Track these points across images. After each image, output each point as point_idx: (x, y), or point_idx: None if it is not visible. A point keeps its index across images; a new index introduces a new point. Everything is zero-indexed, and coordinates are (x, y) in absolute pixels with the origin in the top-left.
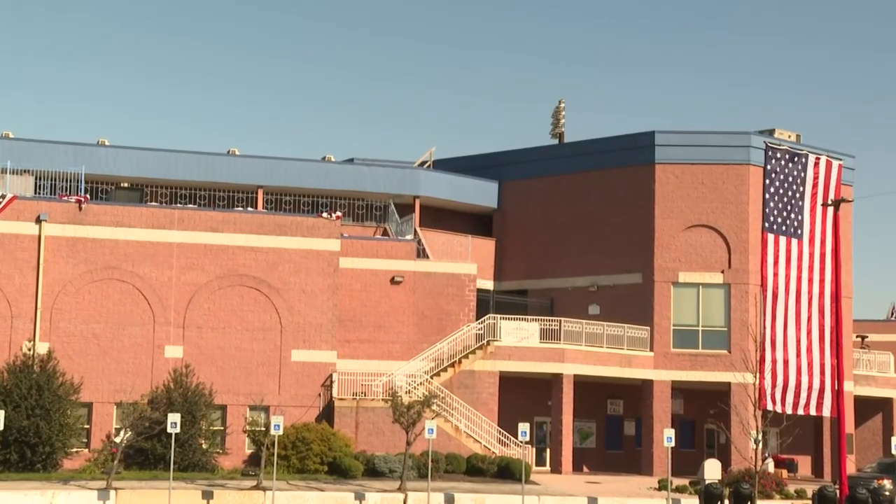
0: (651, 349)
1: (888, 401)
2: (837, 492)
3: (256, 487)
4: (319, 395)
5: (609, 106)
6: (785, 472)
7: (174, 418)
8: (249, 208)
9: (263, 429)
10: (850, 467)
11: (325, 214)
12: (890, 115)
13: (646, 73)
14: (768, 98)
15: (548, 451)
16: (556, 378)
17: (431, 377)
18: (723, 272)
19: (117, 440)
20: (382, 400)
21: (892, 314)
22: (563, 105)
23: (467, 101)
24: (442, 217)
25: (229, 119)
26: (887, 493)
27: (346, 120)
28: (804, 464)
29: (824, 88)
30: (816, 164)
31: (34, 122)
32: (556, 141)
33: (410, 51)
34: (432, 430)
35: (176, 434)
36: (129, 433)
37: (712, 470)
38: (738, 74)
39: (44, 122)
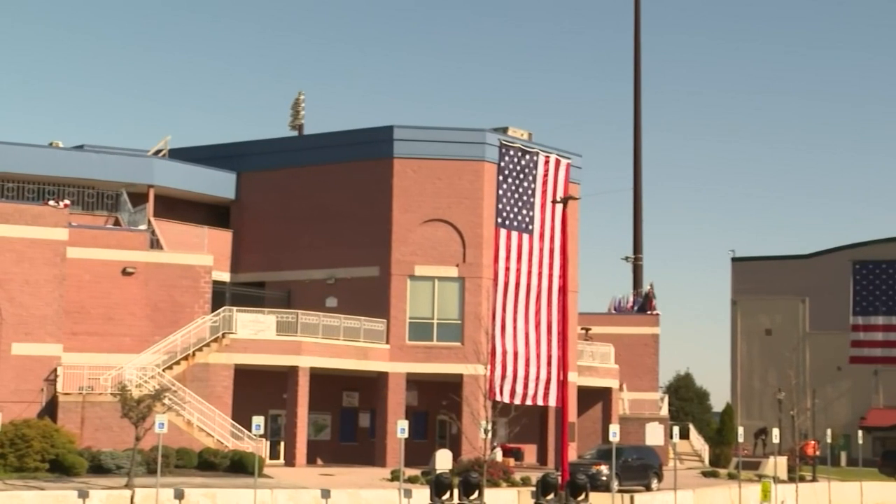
0: (387, 342)
1: (608, 390)
2: (559, 478)
3: None
4: (42, 389)
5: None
6: (512, 461)
7: None
8: None
9: None
10: (572, 454)
11: (51, 202)
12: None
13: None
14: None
15: (282, 444)
16: (292, 371)
17: (163, 370)
18: (457, 266)
19: None
20: (111, 394)
21: (614, 308)
22: (302, 97)
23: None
24: (177, 207)
25: None
26: (604, 478)
27: (76, 106)
28: (530, 452)
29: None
30: (546, 163)
31: None
32: (295, 133)
33: (147, 37)
34: (163, 424)
35: None
36: None
37: (443, 460)
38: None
39: None
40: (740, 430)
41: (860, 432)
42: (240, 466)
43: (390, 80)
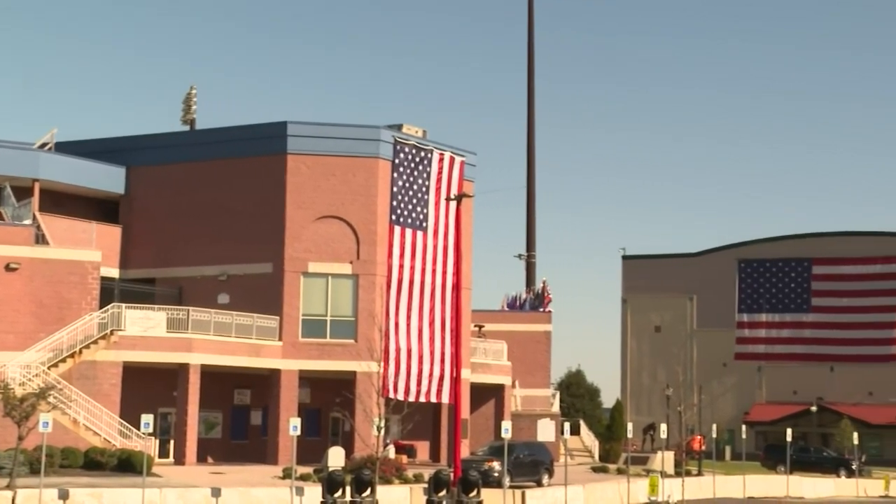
0: (280, 339)
1: (501, 387)
2: (451, 475)
3: None
4: None
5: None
6: (405, 458)
7: None
8: None
9: None
10: (465, 451)
11: None
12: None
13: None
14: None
15: (172, 442)
16: (183, 368)
17: (48, 368)
18: (351, 263)
19: None
20: None
21: (507, 305)
22: (194, 91)
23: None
24: (64, 202)
25: None
26: (496, 475)
27: None
28: (423, 449)
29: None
30: (441, 160)
31: None
32: (187, 127)
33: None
34: (47, 423)
35: None
36: None
37: (336, 457)
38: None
39: None
40: (629, 425)
41: (744, 427)
42: (128, 465)
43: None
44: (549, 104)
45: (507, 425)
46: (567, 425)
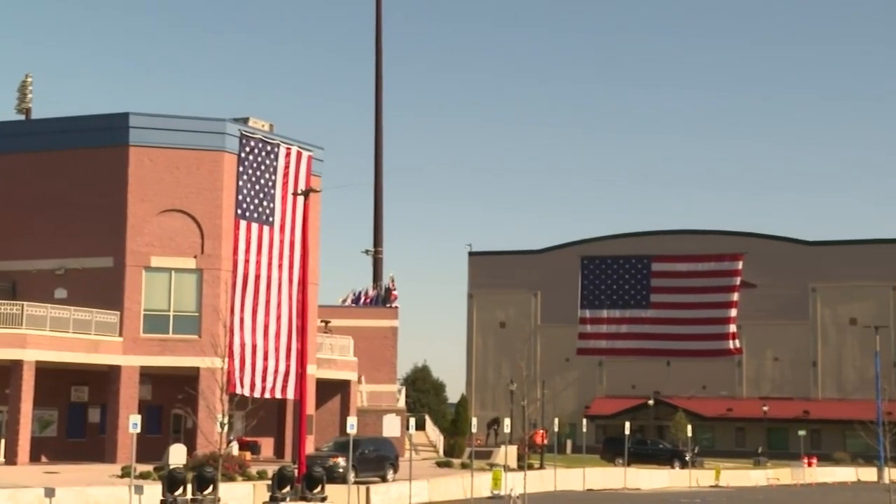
0: (120, 334)
1: (347, 383)
2: (296, 471)
3: None
4: None
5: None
6: (248, 455)
7: None
8: None
9: None
10: (310, 447)
11: None
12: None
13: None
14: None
15: (2, 441)
16: (16, 365)
17: None
18: (196, 257)
19: None
20: None
21: (353, 300)
22: (30, 80)
23: None
24: None
25: None
26: (341, 470)
27: None
28: (267, 445)
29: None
30: (287, 154)
31: None
32: (22, 116)
33: None
34: None
35: None
36: None
37: (177, 455)
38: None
39: None
40: (474, 420)
41: (585, 421)
42: None
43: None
44: (397, 100)
45: (352, 421)
46: (412, 421)
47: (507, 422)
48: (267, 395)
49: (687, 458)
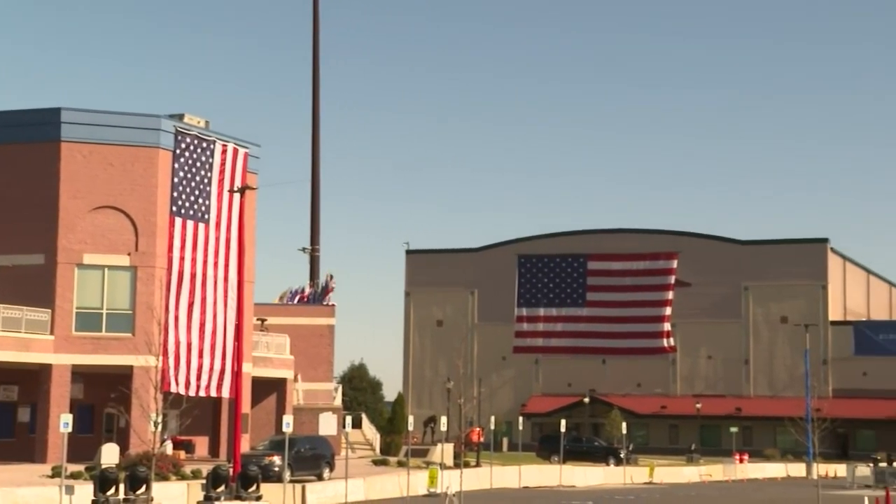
0: (51, 332)
1: (283, 381)
2: (231, 470)
3: None
4: None
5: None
6: (183, 454)
7: None
8: None
9: None
10: (245, 446)
11: None
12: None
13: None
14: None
15: None
16: None
17: None
18: (130, 255)
19: None
20: None
21: (289, 298)
22: None
23: None
24: None
25: None
26: (276, 469)
27: None
28: (202, 444)
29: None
30: (224, 151)
31: None
32: None
33: None
34: None
35: None
36: None
37: (110, 454)
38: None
39: None
40: (411, 418)
41: (521, 419)
42: None
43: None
44: (335, 97)
45: (288, 419)
46: (349, 419)
47: (443, 420)
48: (202, 394)
49: (621, 456)
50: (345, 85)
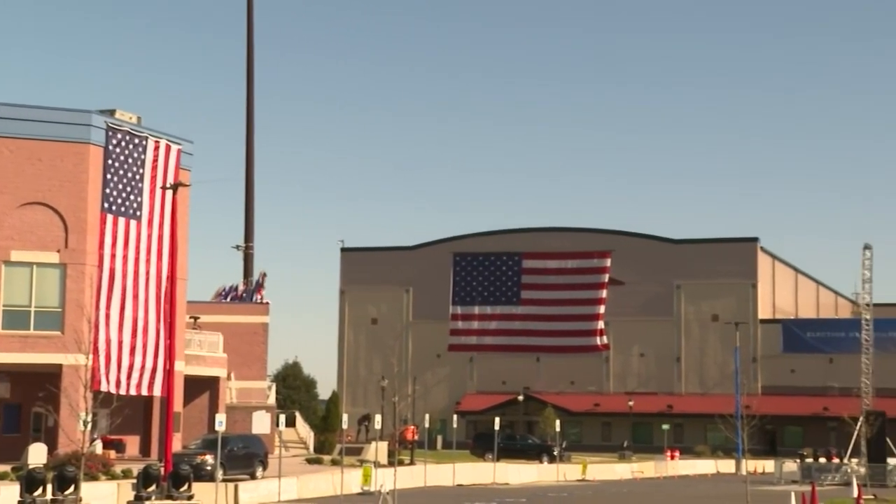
0: None
1: (216, 379)
2: (162, 469)
3: None
4: None
5: None
6: (113, 453)
7: None
8: None
9: None
10: (177, 445)
11: None
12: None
13: None
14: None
15: None
16: None
17: None
18: (59, 252)
19: None
20: None
21: (222, 296)
22: None
23: None
24: None
25: None
26: (209, 468)
27: None
28: (133, 444)
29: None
30: (156, 148)
31: None
32: None
33: None
34: None
35: None
36: None
37: (37, 454)
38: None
39: None
40: (345, 417)
41: (455, 416)
42: None
43: None
44: (270, 94)
45: (221, 418)
46: (283, 417)
47: (378, 418)
48: (133, 392)
49: (555, 453)
50: (280, 81)
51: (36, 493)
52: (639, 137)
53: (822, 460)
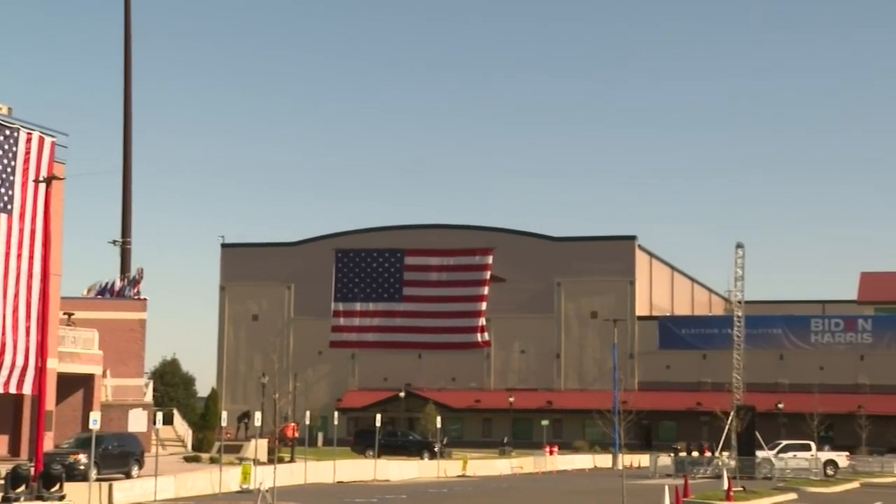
0: None
1: (91, 377)
2: (32, 469)
3: None
4: None
5: None
6: None
7: None
8: None
9: None
10: (49, 444)
11: None
12: (105, 98)
13: None
14: None
15: None
16: None
17: None
18: None
19: None
20: None
21: (97, 292)
22: None
23: None
24: None
25: None
26: (82, 468)
27: None
28: (2, 443)
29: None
30: (28, 140)
31: None
32: None
33: None
34: None
35: None
36: None
37: None
38: None
39: None
40: (224, 414)
41: (336, 413)
42: None
43: None
44: (148, 89)
45: (95, 416)
46: (160, 415)
47: (257, 415)
48: (1, 391)
49: (436, 449)
50: (159, 71)
51: None
52: (519, 134)
53: (695, 454)
